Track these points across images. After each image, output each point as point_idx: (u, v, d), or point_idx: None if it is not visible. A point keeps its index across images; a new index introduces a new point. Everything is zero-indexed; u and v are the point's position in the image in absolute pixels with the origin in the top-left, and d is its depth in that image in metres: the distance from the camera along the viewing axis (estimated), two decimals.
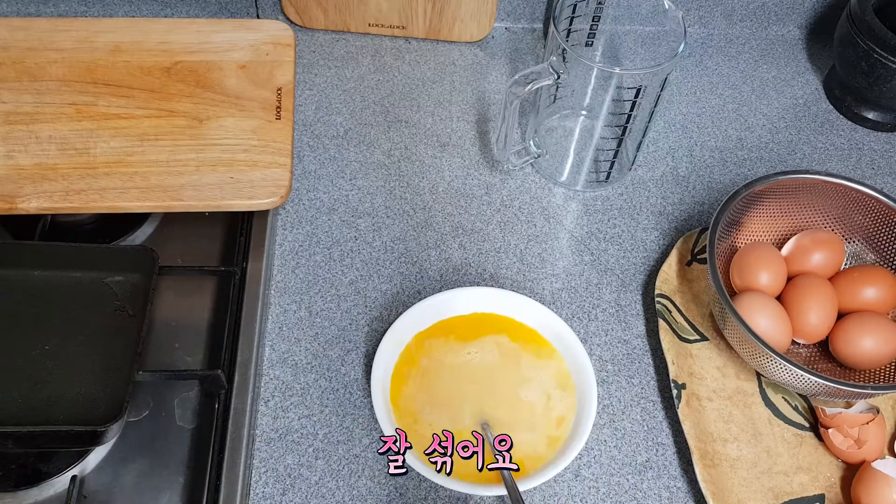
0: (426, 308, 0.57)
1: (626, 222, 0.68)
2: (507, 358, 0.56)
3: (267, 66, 0.69)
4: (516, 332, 0.57)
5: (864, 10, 0.71)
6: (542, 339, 0.57)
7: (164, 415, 0.54)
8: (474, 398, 0.54)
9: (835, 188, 0.61)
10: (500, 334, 0.57)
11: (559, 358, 0.56)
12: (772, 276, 0.58)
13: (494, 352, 0.56)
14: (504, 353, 0.56)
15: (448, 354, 0.56)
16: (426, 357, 0.56)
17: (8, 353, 0.52)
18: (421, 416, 0.53)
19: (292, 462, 0.53)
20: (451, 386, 0.54)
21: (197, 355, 0.57)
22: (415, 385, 0.54)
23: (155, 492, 0.51)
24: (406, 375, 0.55)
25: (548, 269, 0.64)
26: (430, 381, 0.55)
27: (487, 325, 0.57)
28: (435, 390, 0.54)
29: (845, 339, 0.56)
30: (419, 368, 0.55)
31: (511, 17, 0.82)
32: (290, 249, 0.64)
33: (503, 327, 0.57)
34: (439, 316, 0.57)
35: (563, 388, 0.55)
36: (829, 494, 0.53)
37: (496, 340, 0.57)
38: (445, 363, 0.55)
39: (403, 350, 0.56)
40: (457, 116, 0.74)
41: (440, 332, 0.57)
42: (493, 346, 0.56)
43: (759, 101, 0.79)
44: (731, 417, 0.56)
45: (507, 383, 0.55)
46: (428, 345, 0.56)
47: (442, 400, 0.54)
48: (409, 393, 0.54)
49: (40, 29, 0.69)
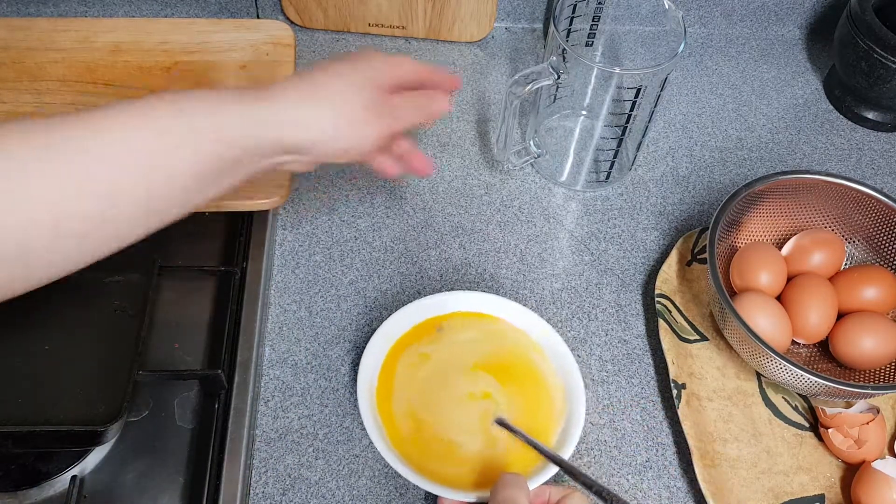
0: (405, 315, 0.55)
1: (626, 222, 0.68)
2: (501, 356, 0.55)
3: (267, 66, 0.69)
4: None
5: (864, 10, 0.71)
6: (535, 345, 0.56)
7: (164, 415, 0.54)
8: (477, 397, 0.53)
9: (835, 188, 0.60)
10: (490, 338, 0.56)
11: (548, 364, 0.55)
12: (772, 276, 0.58)
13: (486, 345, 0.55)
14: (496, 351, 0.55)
15: (440, 354, 0.55)
16: (413, 361, 0.54)
17: (8, 352, 0.52)
18: (423, 422, 0.51)
19: (292, 462, 0.53)
20: (450, 386, 0.53)
21: (197, 355, 0.57)
22: (407, 390, 0.53)
23: (155, 492, 0.51)
24: (395, 381, 0.53)
25: (548, 269, 0.64)
26: (422, 383, 0.53)
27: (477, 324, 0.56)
28: (432, 392, 0.53)
29: (845, 339, 0.56)
30: (417, 358, 0.54)
31: (511, 17, 0.82)
32: (290, 249, 0.64)
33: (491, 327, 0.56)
34: (422, 318, 0.56)
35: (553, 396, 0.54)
36: (829, 494, 0.53)
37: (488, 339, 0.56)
38: (437, 365, 0.54)
39: (386, 356, 0.54)
40: (457, 116, 0.74)
41: (424, 333, 0.55)
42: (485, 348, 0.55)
43: (759, 101, 0.79)
44: (731, 417, 0.56)
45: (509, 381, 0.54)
46: (413, 349, 0.55)
47: (443, 401, 0.53)
48: (404, 396, 0.52)
49: (40, 29, 0.69)
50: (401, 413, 0.52)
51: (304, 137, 0.42)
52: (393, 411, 0.52)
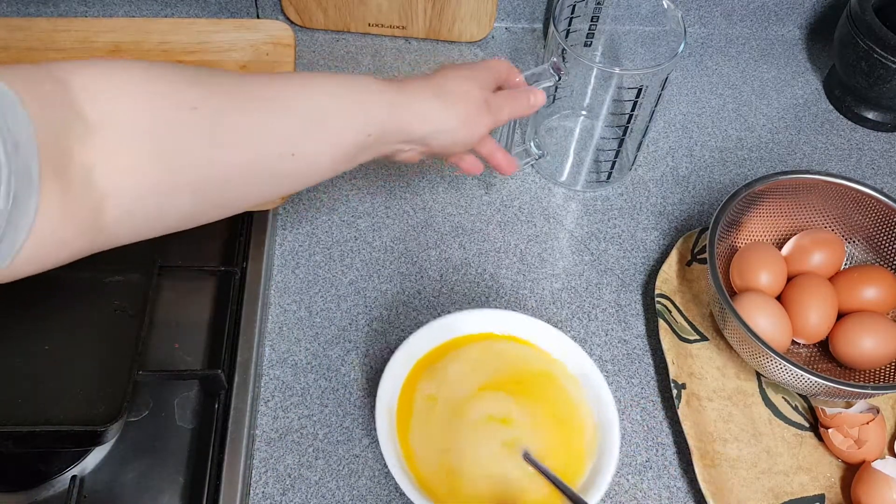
0: (430, 332, 0.53)
1: (626, 222, 0.68)
2: (524, 383, 0.52)
3: (267, 66, 0.69)
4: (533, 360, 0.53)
5: (864, 10, 0.71)
6: (566, 371, 0.53)
7: (164, 415, 0.54)
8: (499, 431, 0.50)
9: (835, 188, 0.61)
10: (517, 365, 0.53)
11: (580, 390, 0.52)
12: (772, 276, 0.58)
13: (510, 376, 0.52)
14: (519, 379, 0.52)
15: (460, 383, 0.51)
16: (432, 388, 0.51)
17: (8, 352, 0.52)
18: (446, 451, 0.49)
19: (292, 462, 0.53)
20: (472, 422, 0.50)
21: (197, 355, 0.57)
22: (426, 423, 0.50)
23: (155, 492, 0.51)
24: (414, 411, 0.50)
25: (548, 269, 0.64)
26: (441, 416, 0.50)
27: (503, 350, 0.53)
28: (453, 419, 0.50)
29: (845, 339, 0.56)
30: (426, 403, 0.51)
31: (511, 17, 0.82)
32: (290, 249, 0.64)
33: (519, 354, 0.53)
34: (446, 337, 0.53)
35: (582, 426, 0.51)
36: (829, 494, 0.53)
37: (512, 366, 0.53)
38: (457, 393, 0.51)
39: (405, 380, 0.51)
40: None
41: (445, 357, 0.53)
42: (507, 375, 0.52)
43: (759, 101, 0.79)
44: (731, 417, 0.56)
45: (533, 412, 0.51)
46: (432, 372, 0.52)
47: (464, 435, 0.49)
48: (424, 432, 0.49)
49: (40, 29, 0.69)
50: (422, 442, 0.49)
51: (429, 129, 0.49)
52: (411, 442, 0.49)
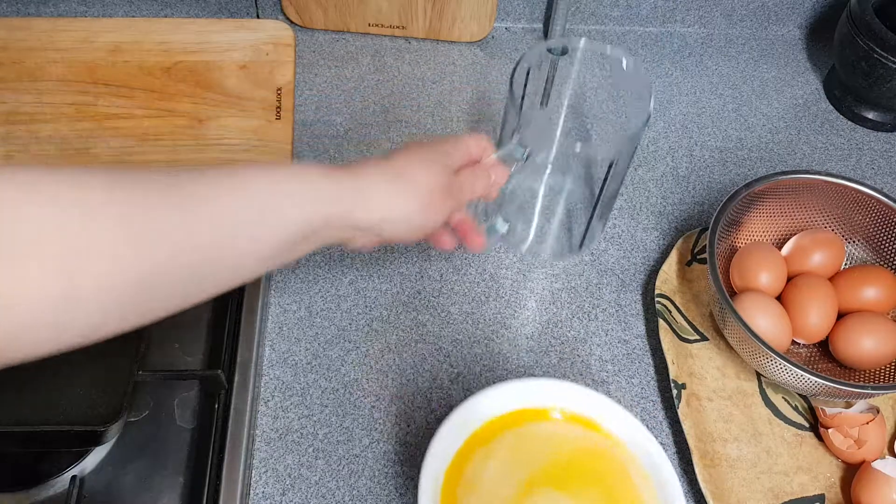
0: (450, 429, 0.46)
1: (626, 222, 0.68)
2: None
3: (267, 66, 0.69)
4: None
5: (864, 10, 0.71)
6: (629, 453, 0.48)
7: (164, 415, 0.54)
8: None
9: (835, 188, 0.61)
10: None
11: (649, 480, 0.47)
12: (772, 276, 0.58)
13: None
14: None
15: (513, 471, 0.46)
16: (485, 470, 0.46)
17: None
18: None
19: (292, 462, 0.53)
20: None
21: (197, 355, 0.57)
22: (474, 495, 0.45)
23: (155, 492, 0.51)
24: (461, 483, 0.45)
25: (548, 268, 0.64)
26: None
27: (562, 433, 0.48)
28: None
29: (845, 339, 0.56)
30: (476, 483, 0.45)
31: (511, 17, 0.82)
32: None
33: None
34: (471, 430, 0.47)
35: None
36: (829, 494, 0.53)
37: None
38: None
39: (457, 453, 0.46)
40: (457, 116, 0.74)
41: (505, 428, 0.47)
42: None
43: (759, 101, 0.79)
44: (731, 417, 0.56)
45: None
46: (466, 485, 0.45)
47: None
48: None
49: (40, 29, 0.69)
50: None
51: (379, 217, 0.44)
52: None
